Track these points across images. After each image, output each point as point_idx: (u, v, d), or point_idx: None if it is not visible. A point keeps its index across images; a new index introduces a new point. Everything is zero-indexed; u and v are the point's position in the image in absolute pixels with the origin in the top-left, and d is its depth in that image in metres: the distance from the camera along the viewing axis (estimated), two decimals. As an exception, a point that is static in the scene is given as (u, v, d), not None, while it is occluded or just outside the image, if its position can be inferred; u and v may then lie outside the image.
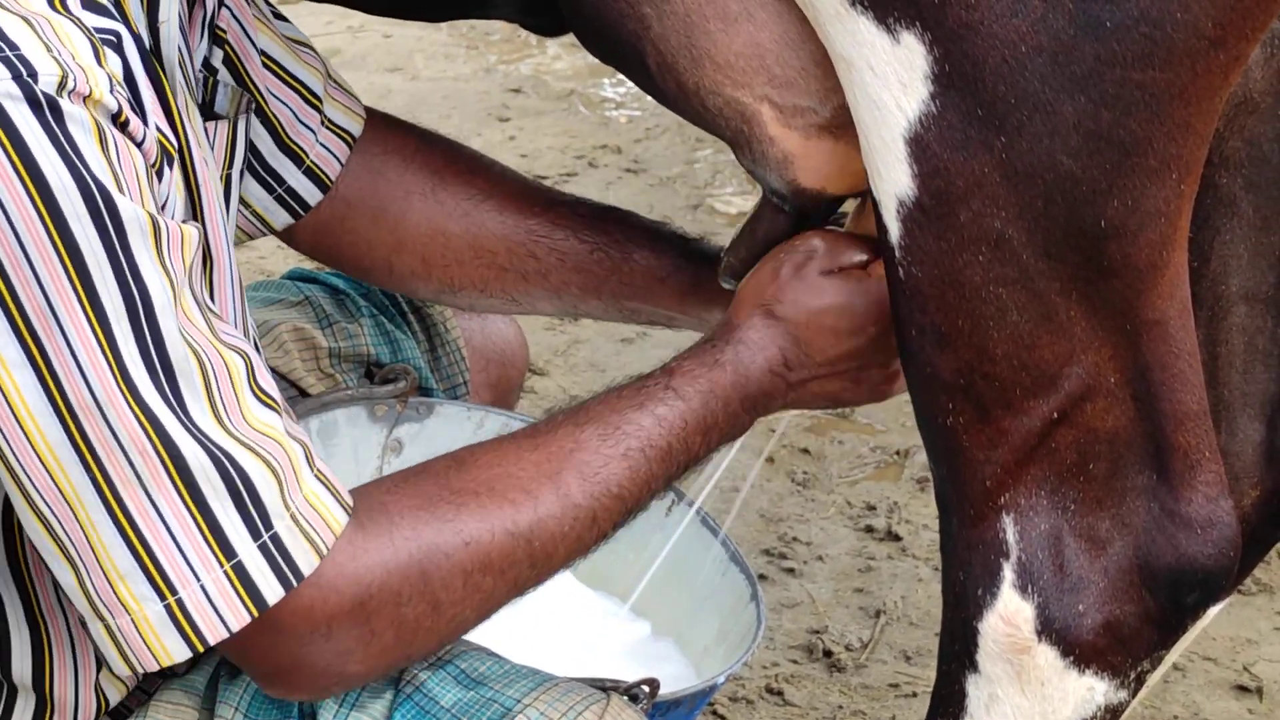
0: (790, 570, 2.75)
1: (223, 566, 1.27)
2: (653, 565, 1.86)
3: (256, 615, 1.28)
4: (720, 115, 1.45)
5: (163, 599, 1.26)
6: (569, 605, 1.88)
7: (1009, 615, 1.41)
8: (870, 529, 2.84)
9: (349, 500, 1.33)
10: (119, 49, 1.26)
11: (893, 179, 1.33)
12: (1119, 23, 1.24)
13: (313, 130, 1.73)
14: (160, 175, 1.27)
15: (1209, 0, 1.24)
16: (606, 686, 1.46)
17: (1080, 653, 1.42)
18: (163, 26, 1.37)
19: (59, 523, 1.25)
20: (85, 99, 1.20)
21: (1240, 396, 1.59)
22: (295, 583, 1.28)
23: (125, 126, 1.22)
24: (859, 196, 1.52)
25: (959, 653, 1.45)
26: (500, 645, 1.51)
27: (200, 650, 1.28)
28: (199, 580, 1.26)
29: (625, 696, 1.46)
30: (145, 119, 1.26)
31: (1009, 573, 1.40)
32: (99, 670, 1.44)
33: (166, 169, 1.29)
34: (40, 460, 1.23)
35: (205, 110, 1.53)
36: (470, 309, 1.93)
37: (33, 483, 1.24)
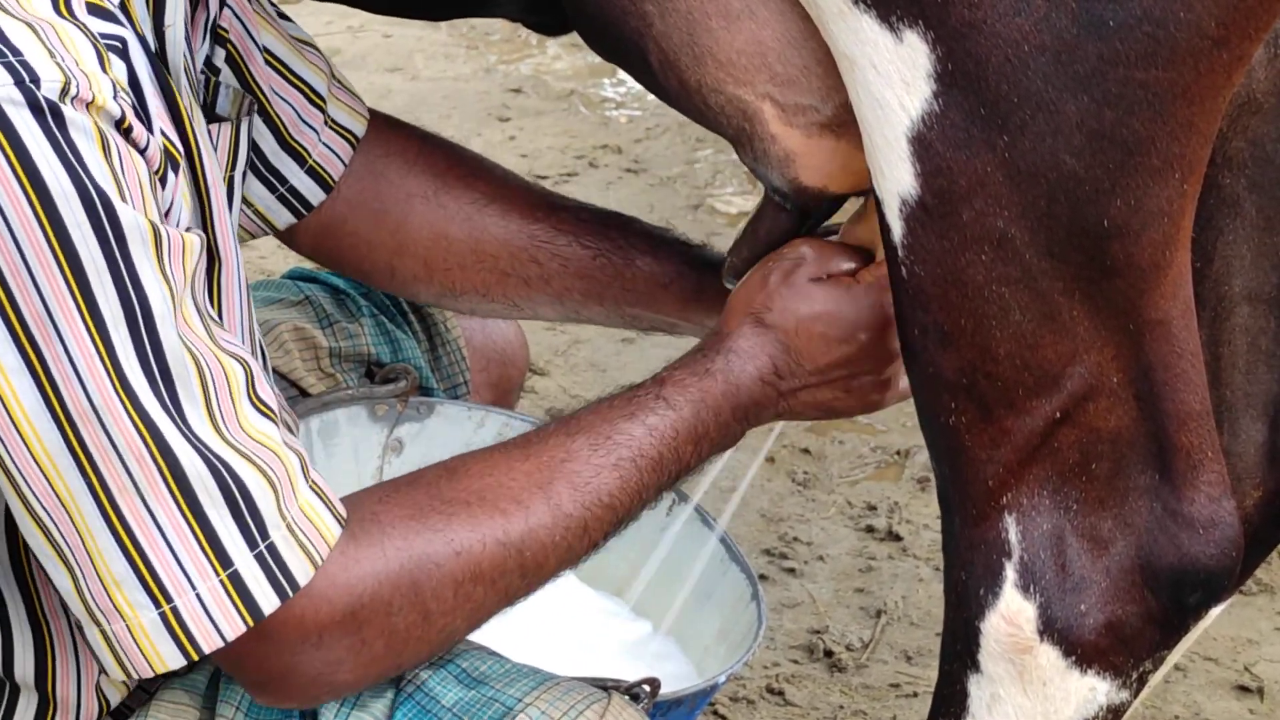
0: (791, 570, 2.74)
1: (218, 575, 1.26)
2: (652, 564, 1.86)
3: (252, 625, 1.28)
4: (722, 113, 1.45)
5: (158, 606, 1.26)
6: (570, 604, 1.87)
7: (1011, 615, 1.41)
8: (871, 529, 2.84)
9: (342, 511, 1.33)
10: (124, 54, 1.26)
11: (895, 178, 1.33)
12: (1122, 22, 1.24)
13: (316, 130, 1.72)
14: (164, 182, 1.27)
15: (1212, 0, 1.24)
16: (608, 686, 1.46)
17: (1082, 653, 1.41)
18: (168, 30, 1.37)
19: (56, 528, 1.25)
20: (88, 105, 1.19)
21: (1243, 397, 1.59)
22: (291, 593, 1.29)
23: (129, 133, 1.22)
24: (861, 195, 1.52)
25: (961, 652, 1.45)
26: (501, 644, 1.51)
27: (195, 659, 1.29)
28: (194, 589, 1.26)
29: (626, 696, 1.46)
30: (150, 125, 1.26)
31: (1011, 572, 1.40)
32: (100, 671, 1.44)
33: (171, 175, 1.28)
34: (38, 466, 1.23)
35: (207, 112, 1.53)
36: (472, 313, 1.92)
37: (30, 488, 1.24)
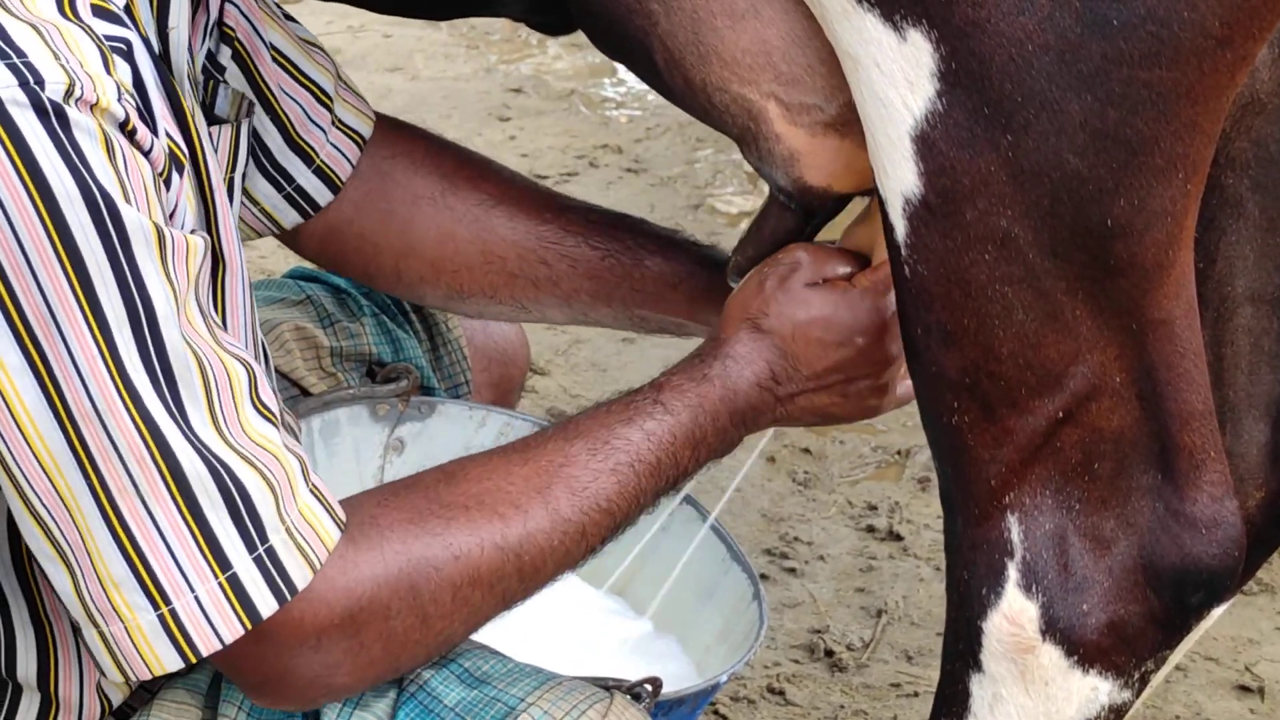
0: (792, 570, 2.74)
1: (217, 578, 1.27)
2: (645, 558, 1.86)
3: (250, 628, 1.28)
4: (727, 112, 1.45)
5: (156, 608, 1.26)
6: (571, 603, 1.87)
7: (1013, 614, 1.41)
8: (872, 529, 2.84)
9: (342, 515, 1.33)
10: (129, 56, 1.26)
11: (899, 177, 1.33)
12: (1126, 21, 1.23)
13: (323, 130, 1.72)
14: (169, 184, 1.27)
15: (1216, 0, 1.24)
16: (609, 685, 1.46)
17: (1084, 652, 1.41)
18: (172, 33, 1.37)
19: (57, 527, 1.25)
20: (92, 107, 1.19)
21: (1245, 398, 1.59)
22: (289, 596, 1.29)
23: (133, 135, 1.22)
24: (865, 195, 1.52)
25: (963, 652, 1.45)
26: (503, 644, 1.51)
27: (192, 661, 1.28)
28: (193, 591, 1.26)
29: (628, 695, 1.46)
30: (154, 127, 1.26)
31: (1013, 572, 1.40)
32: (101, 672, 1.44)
33: (176, 177, 1.28)
34: (39, 465, 1.23)
35: (206, 114, 1.53)
36: (479, 316, 1.92)
37: (31, 486, 1.24)
